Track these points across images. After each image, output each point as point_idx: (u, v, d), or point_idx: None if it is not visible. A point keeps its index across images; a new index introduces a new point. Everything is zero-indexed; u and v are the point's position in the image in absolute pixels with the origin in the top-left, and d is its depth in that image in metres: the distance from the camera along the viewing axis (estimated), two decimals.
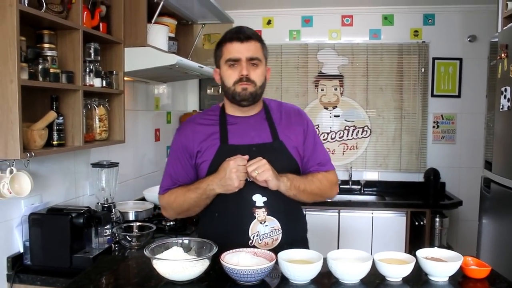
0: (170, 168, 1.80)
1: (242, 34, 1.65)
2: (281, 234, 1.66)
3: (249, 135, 1.70)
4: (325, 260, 1.46)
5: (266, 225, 1.65)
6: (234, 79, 1.65)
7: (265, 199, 1.65)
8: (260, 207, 1.65)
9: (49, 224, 1.93)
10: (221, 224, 1.70)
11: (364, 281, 1.44)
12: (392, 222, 3.55)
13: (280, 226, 1.66)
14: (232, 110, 1.75)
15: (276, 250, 1.50)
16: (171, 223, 2.54)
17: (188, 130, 1.75)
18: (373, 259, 1.46)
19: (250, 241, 1.64)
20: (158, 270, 1.42)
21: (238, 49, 1.64)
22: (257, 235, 1.65)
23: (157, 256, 1.46)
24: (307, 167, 1.78)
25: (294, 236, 1.72)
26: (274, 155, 1.65)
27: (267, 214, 1.65)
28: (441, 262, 1.47)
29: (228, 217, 1.68)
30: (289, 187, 1.63)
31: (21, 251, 1.98)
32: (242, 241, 1.63)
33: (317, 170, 1.77)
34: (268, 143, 1.70)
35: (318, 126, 4.07)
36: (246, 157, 1.59)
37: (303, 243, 1.82)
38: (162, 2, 2.51)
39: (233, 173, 1.55)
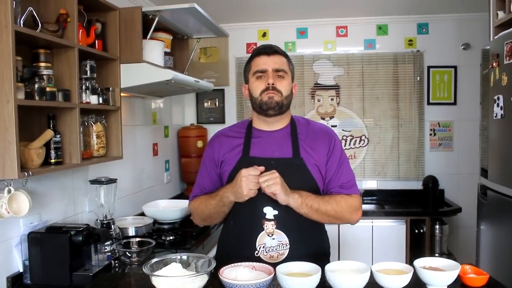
0: (199, 176, 1.90)
1: (269, 49, 1.76)
2: (288, 250, 1.67)
3: (270, 149, 1.74)
4: (324, 272, 1.46)
5: (273, 238, 1.67)
6: (261, 88, 1.71)
7: (276, 212, 1.67)
8: (269, 220, 1.67)
9: (48, 243, 1.93)
10: (233, 232, 1.76)
11: None
12: (392, 230, 3.55)
13: (288, 242, 1.67)
14: (258, 123, 1.81)
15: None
16: (171, 237, 2.55)
17: (216, 141, 1.85)
18: (371, 270, 1.47)
19: (256, 252, 1.67)
20: (157, 286, 1.42)
21: (265, 62, 1.73)
22: (263, 247, 1.67)
23: (156, 272, 1.46)
24: (328, 188, 1.76)
25: (304, 253, 1.66)
26: (292, 171, 1.67)
27: (276, 228, 1.66)
28: (439, 272, 1.47)
29: (239, 225, 1.73)
30: (299, 204, 1.63)
31: (21, 270, 1.97)
32: (249, 251, 1.67)
33: (338, 192, 1.74)
34: (287, 158, 1.72)
35: None
36: (262, 168, 1.63)
37: (319, 259, 1.63)
38: (157, 18, 2.54)
39: (243, 182, 1.58)
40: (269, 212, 1.67)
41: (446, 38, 3.93)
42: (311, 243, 1.75)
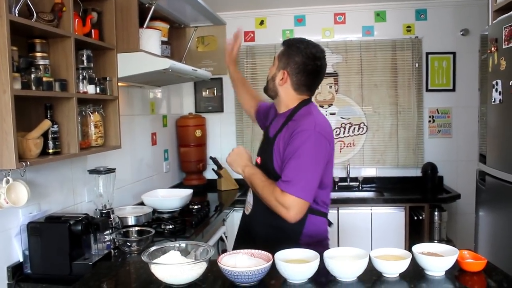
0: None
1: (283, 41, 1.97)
2: (251, 208, 2.00)
3: (273, 127, 1.99)
4: (322, 258, 1.47)
5: (250, 195, 2.04)
6: None
7: None
8: None
9: (47, 233, 1.94)
10: None
11: (361, 278, 1.46)
12: (391, 217, 3.56)
13: (252, 202, 1.99)
14: None
15: (248, 218, 2.01)
16: (170, 226, 2.55)
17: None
18: (370, 256, 1.47)
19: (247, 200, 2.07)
20: (156, 274, 1.43)
21: None
22: (246, 200, 2.08)
23: (155, 260, 1.47)
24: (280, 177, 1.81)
25: (261, 215, 1.92)
26: (266, 147, 1.97)
27: (251, 188, 2.00)
28: (437, 257, 1.48)
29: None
30: (244, 177, 1.95)
31: (21, 260, 1.98)
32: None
33: (278, 185, 1.77)
34: (270, 136, 1.97)
35: None
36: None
37: (281, 237, 1.86)
38: (153, 7, 2.52)
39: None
40: None
41: (445, 24, 3.91)
42: (273, 217, 1.81)
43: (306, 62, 1.86)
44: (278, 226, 1.84)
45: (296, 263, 1.44)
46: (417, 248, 1.55)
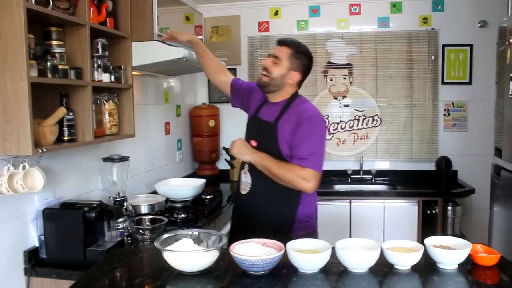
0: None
1: (282, 41, 2.17)
2: (249, 188, 2.15)
3: (266, 114, 2.17)
4: (334, 249, 1.47)
5: (245, 176, 2.18)
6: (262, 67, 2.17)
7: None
8: (245, 163, 2.17)
9: (62, 219, 1.97)
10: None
11: (372, 270, 1.45)
12: (404, 211, 3.53)
13: (250, 183, 2.15)
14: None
15: (245, 197, 2.17)
16: (183, 215, 2.57)
17: (256, 89, 2.32)
18: (382, 248, 1.47)
19: (238, 182, 2.25)
20: (169, 261, 1.45)
21: (273, 50, 2.17)
22: (240, 181, 2.22)
23: (168, 247, 1.48)
24: (290, 158, 2.04)
25: (261, 196, 2.13)
26: (265, 132, 2.12)
27: (248, 170, 2.16)
28: (449, 250, 1.47)
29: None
30: (255, 162, 2.07)
31: (37, 245, 2.02)
32: (238, 182, 2.27)
33: (294, 162, 2.02)
34: (268, 121, 2.13)
35: (328, 116, 4.06)
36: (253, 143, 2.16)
37: (275, 215, 2.11)
38: None
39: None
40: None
41: (462, 16, 3.85)
42: (271, 194, 2.10)
43: (310, 65, 2.17)
44: (279, 199, 2.11)
45: (308, 253, 1.45)
46: (430, 241, 1.54)
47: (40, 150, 1.72)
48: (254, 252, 1.46)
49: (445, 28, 3.87)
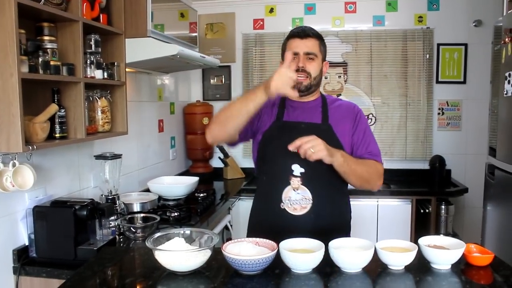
0: None
1: (302, 32, 1.86)
2: (310, 204, 1.81)
3: (301, 116, 1.90)
4: (327, 248, 1.46)
5: (298, 193, 1.81)
6: (293, 69, 1.75)
7: (302, 170, 1.81)
8: (296, 176, 1.81)
9: (53, 217, 1.94)
10: (265, 186, 1.93)
11: (366, 270, 1.44)
12: (398, 210, 3.53)
13: (311, 197, 1.81)
14: None
15: (304, 218, 1.79)
16: (176, 214, 2.55)
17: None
18: (375, 248, 1.46)
19: (282, 203, 1.83)
20: (160, 261, 1.43)
21: (297, 45, 1.84)
22: (289, 200, 1.82)
23: (159, 247, 1.46)
24: (357, 154, 1.88)
25: (326, 212, 1.84)
26: (320, 135, 1.71)
27: (301, 184, 1.81)
28: (443, 250, 1.47)
29: (270, 180, 1.90)
30: (341, 163, 1.73)
31: (26, 243, 1.99)
32: (276, 202, 1.83)
33: (368, 157, 1.88)
34: (316, 123, 1.88)
35: None
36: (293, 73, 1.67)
37: (340, 227, 1.90)
38: None
39: (278, 75, 1.63)
40: (296, 169, 1.81)
41: (457, 15, 3.85)
42: (333, 205, 1.87)
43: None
44: (341, 212, 1.94)
45: (301, 252, 1.43)
46: (424, 240, 1.53)
47: (30, 147, 1.70)
48: (247, 251, 1.44)
49: (440, 27, 3.87)
